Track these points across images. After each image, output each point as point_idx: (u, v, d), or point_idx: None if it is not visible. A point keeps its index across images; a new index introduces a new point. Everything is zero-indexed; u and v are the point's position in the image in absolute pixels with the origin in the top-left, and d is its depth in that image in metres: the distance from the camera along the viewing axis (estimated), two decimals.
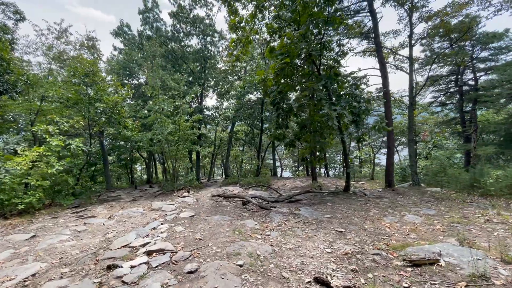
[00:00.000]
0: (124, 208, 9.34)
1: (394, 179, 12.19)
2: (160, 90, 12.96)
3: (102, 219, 7.43)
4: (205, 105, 18.23)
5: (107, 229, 6.35)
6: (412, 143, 13.15)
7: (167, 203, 9.09)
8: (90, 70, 11.71)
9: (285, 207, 7.97)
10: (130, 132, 12.70)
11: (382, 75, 12.12)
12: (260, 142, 18.10)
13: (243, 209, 8.04)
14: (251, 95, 17.70)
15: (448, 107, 22.33)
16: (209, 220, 6.53)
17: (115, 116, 12.38)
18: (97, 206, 10.07)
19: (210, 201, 9.40)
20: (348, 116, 8.92)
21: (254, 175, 17.05)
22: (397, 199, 9.10)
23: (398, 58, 15.91)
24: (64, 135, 14.25)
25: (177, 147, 13.12)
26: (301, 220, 6.37)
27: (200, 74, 16.50)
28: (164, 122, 12.73)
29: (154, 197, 12.31)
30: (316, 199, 9.26)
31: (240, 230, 5.56)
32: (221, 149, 26.39)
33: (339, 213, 7.04)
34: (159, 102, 12.39)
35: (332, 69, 10.75)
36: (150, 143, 13.96)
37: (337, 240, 4.95)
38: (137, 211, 8.16)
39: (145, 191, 16.86)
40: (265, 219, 6.69)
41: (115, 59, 21.91)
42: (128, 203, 10.81)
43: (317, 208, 7.58)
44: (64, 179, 9.90)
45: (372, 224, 5.97)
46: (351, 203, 8.34)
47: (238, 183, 13.89)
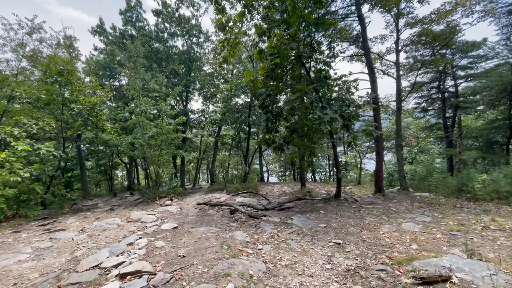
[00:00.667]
0: (99, 219, 8.49)
1: (383, 184, 12.07)
2: (142, 91, 12.20)
3: (71, 233, 6.60)
4: (190, 108, 17.55)
5: (76, 246, 5.57)
6: (400, 148, 13.16)
7: (148, 212, 8.35)
8: (65, 69, 10.80)
9: (276, 216, 7.49)
10: (109, 135, 11.80)
11: (371, 79, 12.06)
12: (248, 146, 17.61)
13: (231, 219, 7.47)
14: (239, 98, 17.28)
15: (429, 113, 22.95)
16: (194, 233, 5.92)
17: (92, 118, 11.46)
18: (68, 217, 9.12)
19: (195, 210, 8.75)
20: (340, 120, 8.65)
21: (241, 180, 16.48)
22: (389, 205, 8.88)
23: (385, 63, 16.08)
24: (36, 139, 13.10)
25: (160, 152, 12.36)
26: (295, 230, 5.91)
27: (185, 76, 15.85)
28: (146, 125, 11.97)
29: (134, 205, 11.43)
30: (308, 206, 8.86)
31: (228, 244, 5.00)
32: (207, 154, 25.60)
33: (333, 221, 6.65)
34: (140, 104, 11.63)
35: (322, 72, 10.54)
36: (131, 148, 13.09)
37: (336, 253, 4.52)
38: (114, 222, 7.38)
39: (125, 199, 15.81)
40: (255, 229, 6.16)
41: (94, 59, 20.81)
42: (104, 213, 9.90)
43: (309, 217, 7.15)
44: (32, 187, 8.89)
45: (370, 233, 5.61)
46: (344, 210, 8.00)
47: (225, 190, 13.28)
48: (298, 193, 13.79)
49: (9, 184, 8.43)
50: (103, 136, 11.59)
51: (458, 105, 18.42)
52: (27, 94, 10.03)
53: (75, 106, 10.34)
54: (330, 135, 9.94)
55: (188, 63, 15.26)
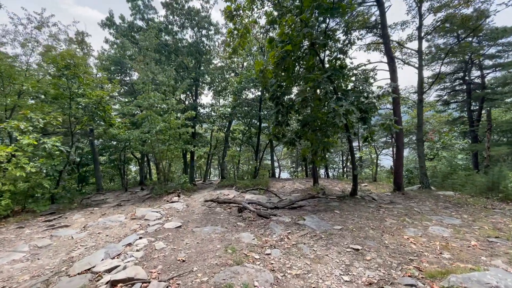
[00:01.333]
0: (104, 216, 8.27)
1: (403, 181, 11.25)
2: (151, 84, 11.90)
3: (73, 230, 6.37)
4: (200, 102, 17.20)
5: (74, 245, 5.29)
6: (421, 143, 12.22)
7: (153, 209, 8.04)
8: (71, 62, 10.63)
9: (286, 215, 6.96)
10: (117, 130, 11.61)
11: (390, 69, 11.17)
12: (258, 141, 17.09)
13: (239, 218, 7.02)
14: (249, 92, 16.71)
15: (451, 106, 21.51)
16: (198, 233, 5.50)
17: (99, 112, 11.28)
18: (75, 213, 8.99)
19: (202, 207, 8.37)
20: (356, 112, 7.96)
21: (251, 176, 16.04)
22: (411, 205, 8.14)
23: (405, 52, 14.99)
24: (48, 134, 13.15)
25: (168, 147, 12.08)
26: (307, 233, 5.37)
27: (194, 69, 15.45)
28: (154, 120, 11.68)
29: (142, 201, 11.23)
30: (321, 205, 8.27)
31: (233, 247, 4.54)
32: (217, 149, 25.34)
33: (350, 223, 6.05)
34: (149, 98, 11.33)
35: (337, 60, 9.80)
36: (140, 142, 12.90)
37: (354, 262, 3.95)
38: (117, 219, 7.11)
39: (135, 194, 15.77)
40: (264, 230, 5.67)
41: (106, 54, 20.80)
42: (111, 208, 9.73)
43: (323, 217, 6.58)
44: (39, 182, 8.79)
45: (393, 238, 4.99)
46: (361, 210, 7.36)
47: (234, 186, 12.86)
48: (310, 190, 13.19)
49: (16, 179, 8.35)
50: (111, 131, 11.41)
51: (484, 97, 17.07)
52: (34, 88, 9.91)
53: (81, 100, 10.15)
54: (346, 129, 9.24)
55: (197, 55, 14.82)
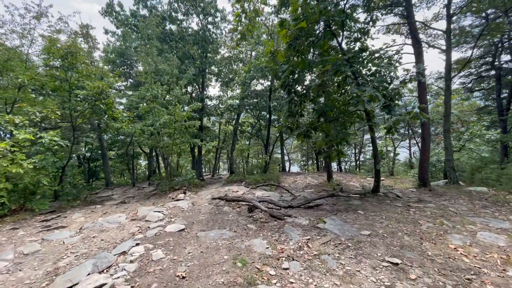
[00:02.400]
0: (105, 215, 7.72)
1: (429, 176, 10.22)
2: (154, 74, 11.20)
3: (68, 233, 5.79)
4: (207, 94, 16.42)
5: (64, 251, 4.69)
6: (449, 134, 11.08)
7: (156, 208, 7.41)
8: (68, 52, 10.01)
9: (303, 216, 6.17)
10: (120, 123, 11.02)
11: (416, 51, 10.05)
12: (268, 134, 16.24)
13: (249, 218, 6.28)
14: (258, 82, 15.77)
15: (474, 94, 19.89)
16: (203, 239, 4.79)
17: (101, 105, 10.69)
18: (76, 211, 8.49)
19: (209, 206, 7.68)
20: (381, 99, 6.99)
21: (261, 171, 15.29)
22: (444, 204, 7.18)
23: (430, 34, 13.66)
24: (50, 128, 12.74)
25: (174, 141, 11.42)
26: (330, 239, 4.56)
27: (200, 58, 14.65)
28: (158, 112, 11.03)
29: (147, 198, 10.68)
30: (340, 203, 7.42)
31: (244, 259, 3.79)
32: (226, 143, 24.69)
33: (378, 226, 5.20)
34: (152, 89, 10.64)
35: (357, 42, 8.78)
36: (144, 136, 12.31)
37: (396, 282, 3.13)
38: (117, 220, 6.50)
39: (142, 190, 15.34)
40: (278, 235, 4.91)
41: (111, 46, 20.27)
42: (114, 206, 9.20)
43: (346, 219, 5.75)
44: (38, 179, 8.30)
45: (435, 247, 4.13)
46: (388, 210, 6.48)
47: (244, 182, 12.14)
48: (324, 186, 12.33)
49: (12, 176, 7.88)
50: (113, 125, 10.82)
51: None
52: (29, 80, 9.37)
53: (79, 92, 9.56)
54: (368, 118, 8.28)
55: (203, 43, 13.98)
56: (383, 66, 7.66)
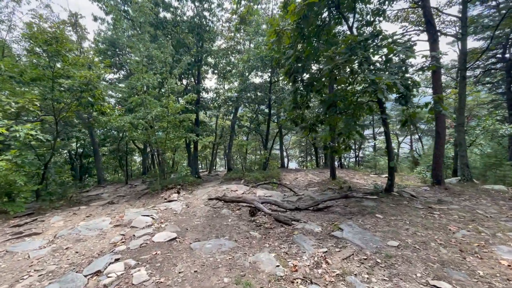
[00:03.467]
0: (89, 218, 6.86)
1: (443, 174, 9.49)
2: (145, 63, 10.23)
3: (39, 242, 4.93)
4: (203, 86, 15.46)
5: (28, 268, 3.84)
6: (462, 128, 10.34)
7: (146, 210, 6.56)
8: (53, 37, 9.01)
9: (313, 221, 5.37)
10: (107, 117, 10.07)
11: (430, 38, 9.20)
12: (268, 129, 15.38)
13: (251, 223, 5.47)
14: (257, 74, 14.82)
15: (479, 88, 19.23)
16: (198, 252, 3.96)
17: (89, 98, 9.71)
18: (58, 213, 7.62)
19: (205, 208, 6.85)
20: (401, 87, 6.19)
21: (261, 168, 14.50)
22: (467, 205, 6.44)
23: (443, 20, 12.85)
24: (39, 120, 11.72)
25: (167, 136, 10.52)
26: (352, 253, 3.76)
27: (196, 47, 13.67)
28: (150, 104, 10.12)
29: (138, 198, 9.82)
30: (352, 204, 6.64)
31: (249, 283, 2.98)
32: (223, 138, 23.80)
33: (404, 234, 4.42)
34: (143, 78, 9.69)
35: (369, 26, 7.93)
36: (135, 131, 11.39)
37: None
38: (99, 226, 5.65)
39: (134, 188, 14.47)
40: (288, 246, 4.11)
41: (102, 35, 19.15)
42: (100, 208, 8.33)
43: (364, 224, 4.96)
44: (12, 178, 7.36)
45: (484, 264, 3.35)
46: (409, 213, 5.71)
47: (243, 179, 11.32)
48: (328, 184, 11.59)
49: None
50: (100, 119, 9.87)
51: None
52: (6, 66, 8.37)
53: (63, 81, 8.59)
54: (381, 110, 7.48)
55: (198, 30, 12.98)
56: (400, 51, 6.83)
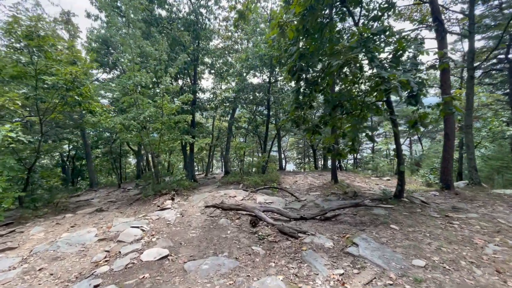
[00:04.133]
0: (73, 228, 6.23)
1: (452, 178, 9.04)
2: (138, 58, 9.63)
3: (12, 260, 4.30)
4: (200, 86, 14.88)
5: None
6: (470, 130, 9.93)
7: (136, 220, 5.96)
8: (34, 30, 8.37)
9: (322, 233, 4.83)
10: (97, 117, 9.43)
11: (438, 35, 8.80)
12: (267, 131, 14.84)
13: (253, 236, 4.91)
14: (255, 74, 14.29)
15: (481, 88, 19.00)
16: (192, 275, 3.39)
17: (76, 97, 9.06)
18: (40, 223, 6.96)
19: (202, 217, 6.26)
20: (414, 85, 5.71)
21: (258, 170, 13.94)
22: (486, 213, 5.96)
23: (449, 18, 12.49)
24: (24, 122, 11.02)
25: (161, 138, 9.92)
26: (374, 276, 3.22)
27: (193, 45, 13.09)
28: (143, 104, 9.53)
29: (129, 204, 9.18)
30: (362, 212, 6.11)
31: None
32: (220, 140, 23.22)
33: (428, 250, 3.89)
34: (134, 76, 9.09)
35: (377, 21, 7.46)
36: (131, 133, 10.78)
37: None
38: (82, 239, 5.03)
39: (127, 192, 13.81)
40: (297, 266, 3.55)
41: (95, 33, 18.50)
42: (88, 215, 7.68)
43: (380, 237, 4.43)
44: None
45: None
46: (426, 223, 5.20)
47: (242, 184, 10.75)
48: (330, 188, 11.08)
49: None
50: (89, 119, 9.22)
51: None
52: None
53: (47, 78, 7.95)
54: (390, 110, 7.00)
55: (195, 27, 12.41)
56: (412, 47, 6.36)
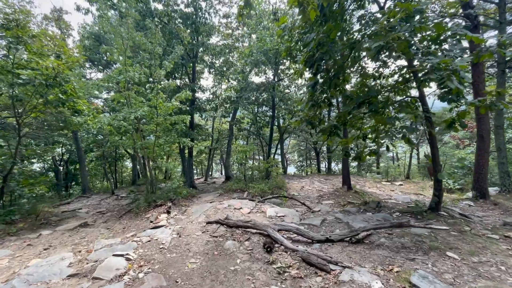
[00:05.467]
0: (46, 251, 5.10)
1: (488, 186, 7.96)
2: (130, 53, 8.54)
3: None
4: (199, 85, 13.77)
5: None
6: (501, 130, 8.89)
7: (122, 244, 4.83)
8: (12, 20, 7.29)
9: (360, 263, 3.72)
10: (83, 118, 8.30)
11: (472, 24, 7.80)
12: (271, 133, 13.71)
13: (270, 267, 3.80)
14: (259, 70, 13.14)
15: None
16: None
17: (61, 95, 7.94)
18: (9, 242, 5.81)
19: (203, 237, 5.13)
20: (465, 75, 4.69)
21: (263, 176, 12.84)
22: None
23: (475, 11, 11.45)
24: None
25: (155, 141, 8.80)
26: None
27: (191, 39, 12.03)
28: (136, 102, 8.45)
29: (119, 217, 8.03)
30: (398, 232, 5.00)
31: None
32: (219, 143, 22.08)
33: None
34: (126, 70, 7.99)
35: None
36: (120, 136, 9.68)
37: None
38: (50, 271, 3.90)
39: (120, 200, 12.67)
40: None
41: (87, 29, 17.46)
42: (67, 233, 6.53)
43: (442, 273, 3.33)
44: None
45: None
46: (489, 248, 4.09)
47: (246, 192, 9.62)
48: (344, 195, 10.01)
49: None
50: (73, 120, 8.08)
51: None
52: None
53: (22, 73, 6.83)
54: (425, 108, 5.93)
55: (194, 19, 11.34)
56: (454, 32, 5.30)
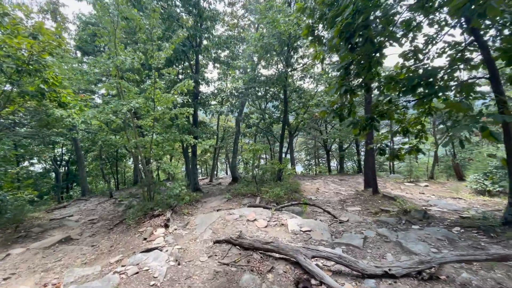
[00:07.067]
0: (4, 284, 3.86)
1: None
2: (122, 34, 7.28)
3: None
4: (203, 75, 12.44)
5: None
6: None
7: (101, 275, 3.56)
8: None
9: None
10: (66, 111, 7.06)
11: None
12: (283, 130, 12.29)
13: None
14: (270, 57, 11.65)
15: None
16: None
17: (40, 84, 6.72)
18: None
19: (209, 266, 3.81)
20: None
21: (274, 177, 11.53)
22: None
23: None
24: None
25: (152, 139, 7.51)
26: None
27: (194, 23, 10.73)
28: (128, 92, 7.19)
29: (110, 229, 6.78)
30: (477, 264, 3.63)
31: None
32: (225, 141, 20.78)
33: None
34: (116, 54, 6.73)
35: None
36: (112, 133, 8.44)
37: None
38: None
39: (117, 205, 11.47)
40: None
41: (84, 19, 16.46)
42: (41, 253, 5.28)
43: None
44: None
45: None
46: None
47: (258, 197, 8.28)
48: (371, 200, 8.64)
49: None
50: (54, 112, 6.83)
51: None
52: None
53: None
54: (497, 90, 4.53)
55: (196, 0, 10.03)
56: None
